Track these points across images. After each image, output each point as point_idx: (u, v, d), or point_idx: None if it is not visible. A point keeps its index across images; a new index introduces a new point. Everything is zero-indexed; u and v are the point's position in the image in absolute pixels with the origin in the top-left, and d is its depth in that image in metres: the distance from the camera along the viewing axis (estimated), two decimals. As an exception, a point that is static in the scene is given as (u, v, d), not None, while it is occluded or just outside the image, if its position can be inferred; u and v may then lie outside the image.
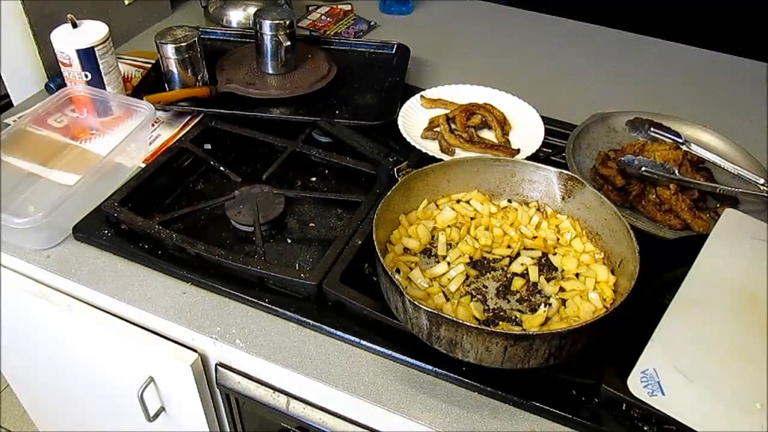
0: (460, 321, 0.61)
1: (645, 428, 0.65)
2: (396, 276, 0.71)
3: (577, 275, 0.75)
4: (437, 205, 0.83)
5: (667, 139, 0.98)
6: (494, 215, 0.82)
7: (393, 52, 1.22)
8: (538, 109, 1.03)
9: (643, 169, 0.88)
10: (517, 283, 0.74)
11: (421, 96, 1.07)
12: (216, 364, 0.80)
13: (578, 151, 0.95)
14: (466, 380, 0.69)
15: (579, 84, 1.23)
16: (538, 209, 0.83)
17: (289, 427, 0.85)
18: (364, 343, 0.73)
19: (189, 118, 1.06)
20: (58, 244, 0.85)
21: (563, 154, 0.93)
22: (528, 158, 0.93)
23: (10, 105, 1.11)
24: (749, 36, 1.44)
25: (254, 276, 0.78)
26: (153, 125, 1.03)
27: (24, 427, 1.76)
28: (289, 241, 0.86)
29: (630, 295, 0.65)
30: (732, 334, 0.62)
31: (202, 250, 0.79)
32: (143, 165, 0.94)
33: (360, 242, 0.80)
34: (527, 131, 1.01)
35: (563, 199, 0.81)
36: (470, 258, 0.77)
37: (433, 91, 1.09)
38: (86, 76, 0.99)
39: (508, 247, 0.78)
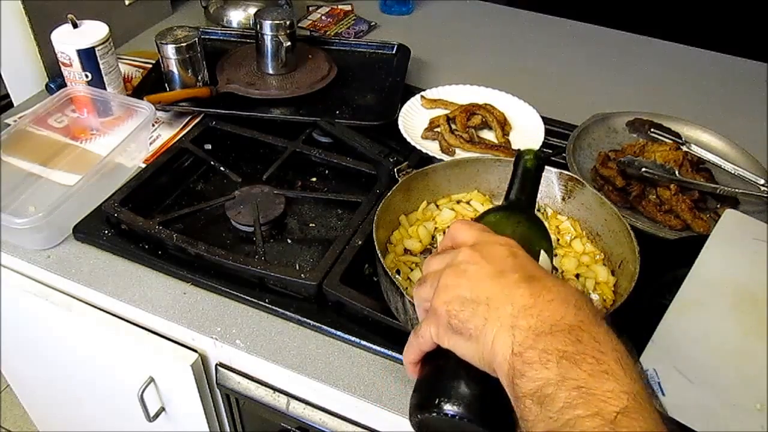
0: (461, 321, 0.61)
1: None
2: (396, 277, 0.72)
3: (577, 276, 0.75)
4: (437, 206, 0.83)
5: (667, 140, 0.98)
6: (494, 215, 0.82)
7: (393, 52, 1.22)
8: (538, 109, 1.03)
9: (644, 169, 0.88)
10: (518, 284, 0.74)
11: (422, 96, 1.07)
12: (216, 364, 0.80)
13: (578, 151, 0.95)
14: (467, 380, 0.69)
15: (579, 84, 1.23)
16: (539, 210, 0.83)
17: (289, 428, 0.85)
18: (364, 343, 0.73)
19: (189, 118, 1.06)
20: (59, 244, 0.85)
21: (563, 155, 0.93)
22: (528, 158, 0.93)
23: (10, 105, 1.11)
24: (749, 36, 1.44)
25: (254, 276, 0.78)
26: (153, 125, 1.03)
27: (24, 427, 1.76)
28: (289, 241, 0.86)
29: (630, 296, 0.65)
30: (732, 334, 0.62)
31: (203, 251, 0.79)
32: (143, 165, 0.94)
33: (360, 243, 0.80)
34: (527, 132, 1.01)
35: (563, 199, 0.81)
36: (470, 258, 0.77)
37: (433, 91, 1.09)
38: (87, 76, 0.99)
39: (509, 247, 0.78)
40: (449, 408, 0.44)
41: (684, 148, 0.96)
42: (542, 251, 0.53)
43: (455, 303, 0.45)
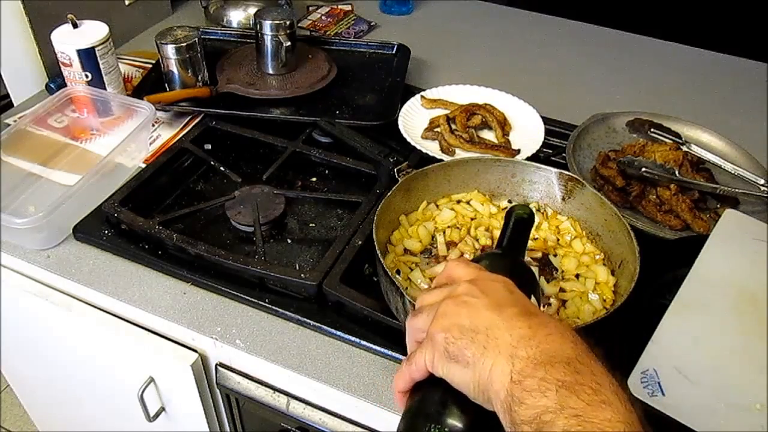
0: (461, 321, 0.61)
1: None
2: (396, 277, 0.72)
3: (577, 276, 0.75)
4: (437, 206, 0.83)
5: (667, 140, 0.98)
6: (494, 216, 0.82)
7: (393, 52, 1.22)
8: (538, 109, 1.03)
9: (644, 169, 0.88)
10: (518, 284, 0.74)
11: (422, 96, 1.07)
12: (216, 364, 0.80)
13: (578, 151, 0.95)
14: (467, 380, 0.69)
15: (579, 84, 1.23)
16: (539, 210, 0.83)
17: (289, 428, 0.85)
18: (364, 343, 0.73)
19: (189, 118, 1.06)
20: (59, 244, 0.85)
21: (563, 155, 0.93)
22: (528, 159, 0.93)
23: (10, 105, 1.11)
24: (749, 36, 1.45)
25: (254, 276, 0.78)
26: (153, 125, 1.03)
27: (24, 427, 1.76)
28: (289, 241, 0.86)
29: (630, 297, 0.65)
30: (732, 334, 0.62)
31: (203, 251, 0.79)
32: (143, 165, 0.95)
33: (360, 243, 0.80)
34: (527, 131, 1.01)
35: (563, 199, 0.81)
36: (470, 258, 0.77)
37: (433, 91, 1.09)
38: (87, 76, 0.99)
39: (509, 247, 0.78)
40: None
41: (684, 148, 0.96)
42: (532, 295, 0.54)
43: (454, 330, 0.45)
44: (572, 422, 0.38)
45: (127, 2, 1.24)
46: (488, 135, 1.02)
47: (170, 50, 1.01)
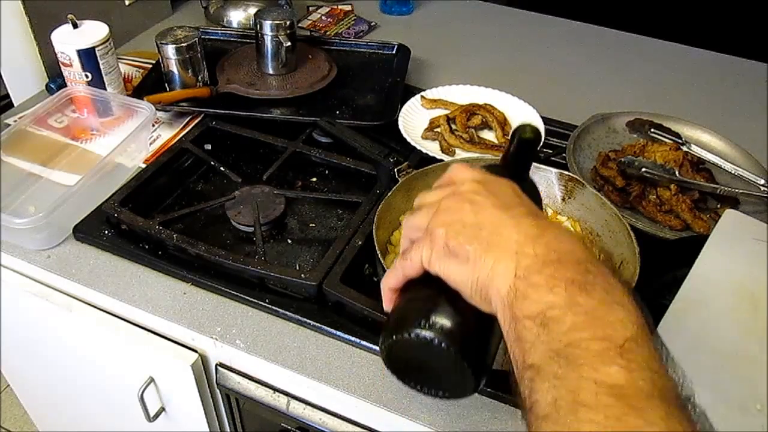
0: (461, 321, 0.61)
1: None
2: (396, 276, 0.71)
3: (577, 276, 0.75)
4: (437, 206, 0.83)
5: (667, 140, 0.98)
6: (494, 215, 0.82)
7: (393, 52, 1.22)
8: (538, 109, 1.03)
9: (644, 169, 0.88)
10: (518, 284, 0.74)
11: (422, 96, 1.07)
12: (216, 365, 0.80)
13: (578, 151, 0.95)
14: (467, 381, 0.69)
15: (579, 84, 1.23)
16: (539, 210, 0.83)
17: (289, 428, 0.85)
18: (364, 343, 0.73)
19: (189, 118, 1.06)
20: (59, 245, 0.85)
21: (563, 155, 0.93)
22: (528, 158, 0.93)
23: (10, 105, 1.11)
24: (749, 36, 1.45)
25: (254, 276, 0.78)
26: (153, 125, 1.03)
27: (24, 427, 1.76)
28: (289, 241, 0.86)
29: (630, 296, 0.65)
30: (732, 334, 0.62)
31: (203, 251, 0.79)
32: (144, 165, 0.94)
33: (360, 243, 0.80)
34: (527, 131, 1.01)
35: (563, 199, 0.81)
36: (470, 258, 0.76)
37: (433, 91, 1.09)
38: (87, 76, 0.99)
39: (509, 247, 0.78)
40: (427, 333, 0.41)
41: (684, 148, 0.96)
42: None
43: (456, 225, 0.43)
44: (581, 319, 0.36)
45: (127, 2, 1.24)
46: (488, 135, 1.02)
47: (170, 50, 1.01)
